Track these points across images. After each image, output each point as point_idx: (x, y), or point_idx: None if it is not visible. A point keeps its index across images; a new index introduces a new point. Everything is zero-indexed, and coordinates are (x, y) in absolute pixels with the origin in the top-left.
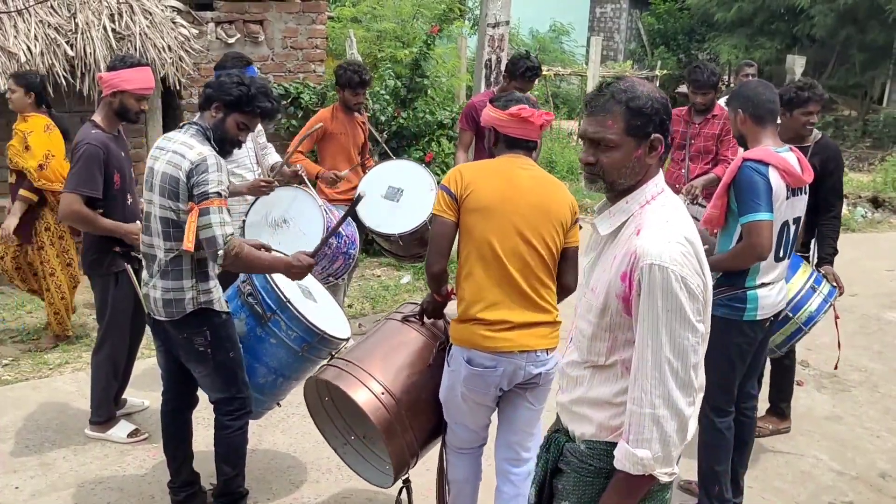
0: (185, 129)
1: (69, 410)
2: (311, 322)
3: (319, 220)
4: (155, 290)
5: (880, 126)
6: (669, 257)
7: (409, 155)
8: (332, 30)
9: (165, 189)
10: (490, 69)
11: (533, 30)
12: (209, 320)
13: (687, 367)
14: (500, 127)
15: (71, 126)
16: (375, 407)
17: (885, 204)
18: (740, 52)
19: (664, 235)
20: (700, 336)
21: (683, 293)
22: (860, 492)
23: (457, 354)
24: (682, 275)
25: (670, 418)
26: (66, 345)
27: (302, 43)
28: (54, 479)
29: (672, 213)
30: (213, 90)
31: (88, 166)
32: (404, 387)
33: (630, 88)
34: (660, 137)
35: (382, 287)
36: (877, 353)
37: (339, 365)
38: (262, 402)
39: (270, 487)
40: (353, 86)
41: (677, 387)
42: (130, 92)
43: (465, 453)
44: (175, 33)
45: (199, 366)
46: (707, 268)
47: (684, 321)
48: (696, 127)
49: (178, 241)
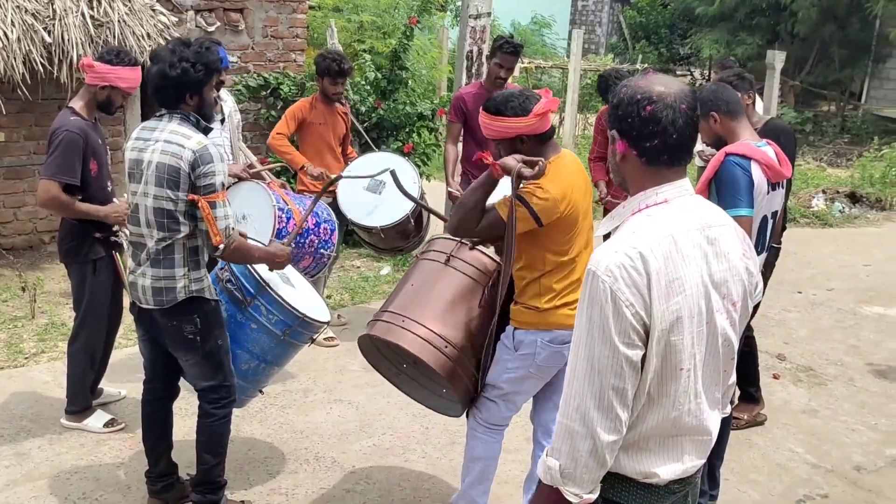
0: (167, 118)
1: (45, 400)
2: (292, 305)
3: (269, 219)
4: (144, 277)
5: (858, 122)
6: (605, 266)
7: (388, 146)
8: (312, 19)
9: (164, 179)
10: (471, 60)
11: (514, 22)
12: (200, 308)
13: (605, 388)
14: (531, 131)
15: (49, 113)
16: (439, 359)
17: (863, 199)
18: (721, 48)
19: (615, 244)
20: (624, 360)
21: (609, 307)
22: (835, 485)
23: (529, 338)
24: (612, 287)
25: (584, 436)
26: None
27: (282, 32)
28: (29, 468)
29: (647, 226)
30: (178, 86)
31: (67, 153)
32: (463, 333)
33: (624, 82)
34: (613, 135)
35: (362, 278)
36: (853, 348)
37: (392, 320)
38: (246, 388)
39: (248, 478)
40: (332, 74)
41: (595, 406)
42: (121, 89)
43: (498, 430)
44: (154, 21)
45: (187, 354)
46: (676, 294)
47: (604, 338)
48: None
49: (172, 231)
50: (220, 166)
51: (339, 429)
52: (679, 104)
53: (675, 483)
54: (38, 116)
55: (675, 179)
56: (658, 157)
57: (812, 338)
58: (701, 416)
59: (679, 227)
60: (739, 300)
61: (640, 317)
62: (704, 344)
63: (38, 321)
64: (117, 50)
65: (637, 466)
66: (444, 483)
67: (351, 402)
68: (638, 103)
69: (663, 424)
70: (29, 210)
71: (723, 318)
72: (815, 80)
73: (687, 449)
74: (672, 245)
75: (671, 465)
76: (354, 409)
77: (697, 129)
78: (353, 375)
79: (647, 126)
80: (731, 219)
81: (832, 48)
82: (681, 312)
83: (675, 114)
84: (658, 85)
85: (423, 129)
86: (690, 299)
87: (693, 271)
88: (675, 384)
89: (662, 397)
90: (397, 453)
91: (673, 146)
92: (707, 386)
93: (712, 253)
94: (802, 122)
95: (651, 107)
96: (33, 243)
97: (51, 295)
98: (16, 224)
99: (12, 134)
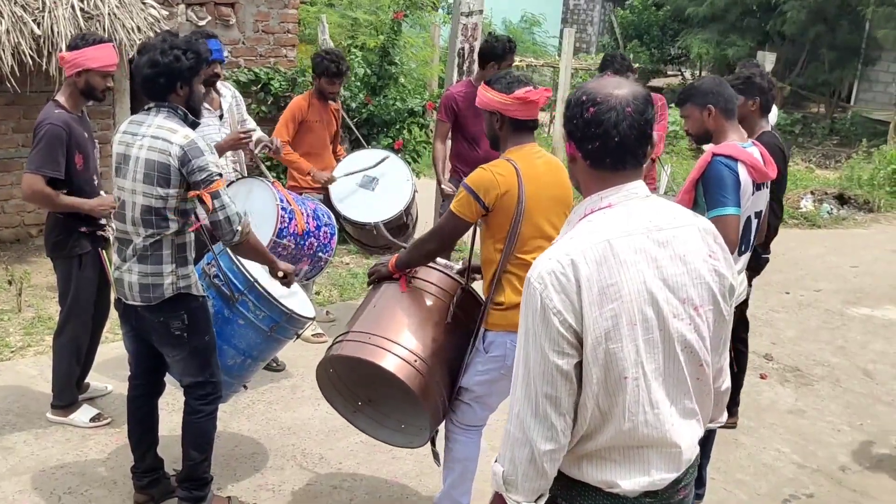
0: (154, 112)
1: (30, 394)
2: (280, 302)
3: (272, 217)
4: (130, 273)
5: (847, 124)
6: (537, 273)
7: (378, 142)
8: (304, 14)
9: (153, 177)
10: (463, 58)
11: (506, 20)
12: (187, 305)
13: (539, 395)
14: (505, 110)
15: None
16: (411, 374)
17: (851, 201)
18: (711, 48)
19: (550, 251)
20: (554, 368)
21: (539, 314)
22: (821, 484)
23: (499, 339)
24: (541, 294)
25: (522, 443)
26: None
27: (273, 27)
28: (14, 462)
29: (585, 232)
30: (169, 74)
31: (50, 146)
32: (432, 349)
33: (580, 84)
34: (569, 143)
35: (351, 275)
36: (839, 349)
37: (358, 338)
38: (230, 384)
39: (234, 473)
40: (329, 75)
41: (531, 413)
42: (95, 70)
43: (475, 430)
44: (145, 14)
45: (173, 350)
46: (611, 300)
47: (536, 345)
48: None
49: (161, 229)
50: (213, 156)
51: (327, 425)
52: (624, 107)
53: (647, 496)
54: (26, 109)
55: (621, 183)
56: (601, 159)
57: (799, 338)
58: (662, 428)
59: (617, 232)
60: (704, 304)
61: (569, 324)
62: (660, 352)
63: (25, 315)
64: (82, 34)
65: (599, 475)
66: (431, 480)
67: None
68: (583, 105)
69: (620, 436)
70: (16, 203)
71: (682, 324)
72: (804, 81)
73: (654, 461)
74: (607, 250)
75: (636, 478)
76: None
77: (646, 132)
78: None
79: (590, 128)
80: (694, 219)
81: (822, 50)
82: (618, 319)
83: (618, 116)
84: (607, 87)
85: (413, 125)
86: (629, 305)
87: (632, 276)
88: (622, 394)
89: (613, 407)
90: (385, 450)
91: (614, 149)
92: (672, 396)
93: (665, 256)
94: (792, 123)
95: (594, 108)
96: (20, 236)
97: (37, 289)
98: (3, 217)
99: (0, 126)
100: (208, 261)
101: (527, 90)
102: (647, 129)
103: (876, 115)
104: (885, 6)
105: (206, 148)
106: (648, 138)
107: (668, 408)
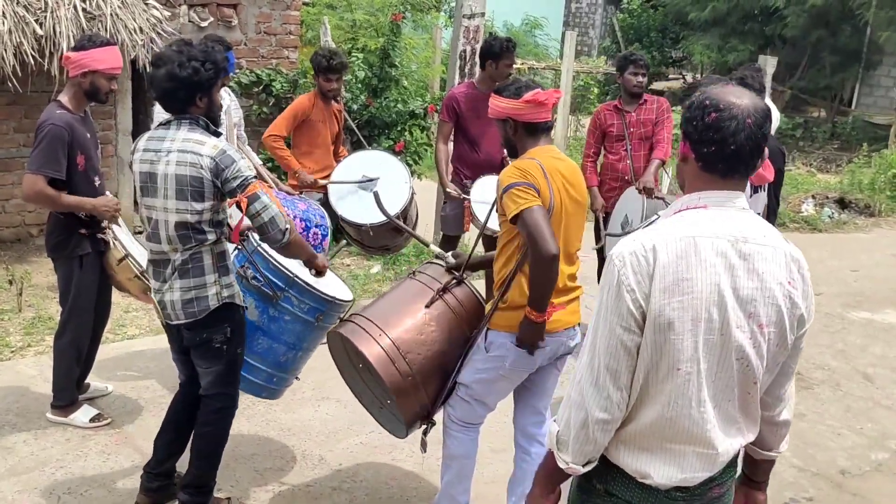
0: (174, 126)
1: (30, 394)
2: (321, 291)
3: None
4: (172, 292)
5: (848, 128)
6: (619, 252)
7: (379, 144)
8: (306, 15)
9: (186, 192)
10: (465, 60)
11: (507, 23)
12: (231, 316)
13: (601, 366)
14: (517, 115)
15: (39, 105)
16: (391, 372)
17: (852, 205)
18: (713, 53)
19: (636, 235)
20: (619, 343)
21: (613, 290)
22: (820, 488)
23: (501, 339)
24: (619, 271)
25: (579, 407)
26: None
27: (276, 28)
28: (13, 462)
29: (673, 225)
30: (189, 87)
31: (52, 147)
32: (428, 359)
33: (702, 88)
34: (681, 136)
35: (352, 276)
36: (839, 352)
37: (361, 323)
38: (284, 379)
39: (234, 474)
40: (322, 70)
41: (591, 382)
42: (101, 72)
43: (473, 427)
44: (147, 15)
45: (210, 363)
46: (682, 293)
47: (606, 318)
48: (632, 115)
49: (198, 243)
50: (243, 162)
51: (327, 426)
52: (745, 118)
53: (678, 490)
54: (27, 109)
55: (724, 189)
56: (714, 164)
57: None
58: (703, 427)
59: (705, 232)
60: (770, 325)
61: (640, 304)
62: (716, 355)
63: (25, 315)
64: (88, 35)
65: (634, 464)
66: (430, 482)
67: (339, 399)
68: (704, 109)
69: (660, 424)
70: (17, 203)
71: (743, 336)
72: (805, 85)
73: (688, 458)
74: (690, 246)
75: (668, 472)
76: (343, 406)
77: (761, 145)
78: None
79: (708, 132)
80: (784, 244)
81: (823, 54)
82: (684, 312)
83: (737, 126)
84: (730, 96)
85: (414, 127)
86: (698, 302)
87: (708, 276)
88: (670, 383)
89: (658, 394)
90: (385, 452)
91: (729, 156)
92: (718, 400)
93: (743, 268)
94: (793, 127)
95: (716, 114)
96: (21, 236)
97: (38, 288)
98: (4, 217)
99: (1, 126)
100: (240, 263)
101: (535, 92)
102: (763, 142)
103: (877, 119)
104: (886, 10)
105: (236, 154)
106: (762, 152)
107: (713, 410)
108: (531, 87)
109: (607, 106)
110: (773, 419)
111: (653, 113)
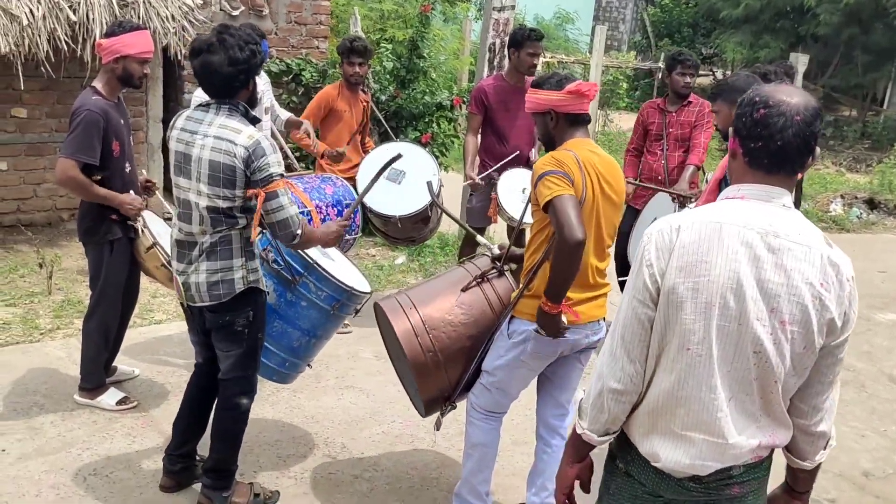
0: (213, 110)
1: (59, 376)
2: (339, 280)
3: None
4: (197, 274)
5: (879, 128)
6: (649, 230)
7: (406, 135)
8: (335, 6)
9: (219, 178)
10: (494, 53)
11: (537, 16)
12: (254, 300)
13: (618, 337)
14: (559, 107)
15: (72, 91)
16: (410, 338)
17: (881, 206)
18: (745, 50)
19: (670, 217)
20: (633, 315)
21: (637, 264)
22: (843, 489)
23: (523, 328)
24: (645, 247)
25: (598, 376)
26: (58, 309)
27: (306, 18)
28: (41, 443)
29: (705, 210)
30: (249, 70)
31: (87, 133)
32: (455, 342)
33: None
34: (731, 132)
35: (377, 267)
36: (865, 354)
37: (402, 301)
38: (297, 364)
39: (258, 460)
40: (345, 52)
41: (609, 352)
42: (133, 56)
43: (495, 416)
44: (179, 3)
45: (231, 346)
46: (698, 274)
47: (629, 292)
48: (673, 116)
49: (229, 227)
50: (276, 156)
51: (350, 415)
52: (793, 115)
53: (692, 481)
54: (60, 94)
55: (767, 184)
56: (760, 160)
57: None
58: (713, 414)
59: (734, 220)
60: (793, 324)
61: (655, 278)
62: (732, 345)
63: (55, 297)
64: (119, 22)
65: (646, 444)
66: (451, 472)
67: (362, 388)
68: (754, 105)
69: (672, 403)
70: (49, 187)
71: (763, 330)
72: (837, 83)
73: (697, 445)
74: (715, 231)
75: (676, 456)
76: (365, 396)
77: (809, 143)
78: (365, 363)
79: (756, 128)
80: (823, 246)
81: (855, 52)
82: (697, 294)
83: (785, 122)
84: (781, 93)
85: (441, 119)
86: (713, 286)
87: (727, 263)
88: (681, 361)
89: (669, 372)
90: (406, 441)
91: (775, 152)
92: (734, 391)
93: (770, 261)
94: (823, 126)
95: (765, 111)
96: (52, 220)
97: (68, 272)
98: (35, 201)
99: (34, 111)
100: (263, 246)
101: (577, 83)
102: (812, 140)
103: None
104: None
105: (270, 147)
106: (811, 150)
107: (726, 399)
108: (571, 79)
109: (652, 103)
110: (809, 429)
111: (693, 115)
